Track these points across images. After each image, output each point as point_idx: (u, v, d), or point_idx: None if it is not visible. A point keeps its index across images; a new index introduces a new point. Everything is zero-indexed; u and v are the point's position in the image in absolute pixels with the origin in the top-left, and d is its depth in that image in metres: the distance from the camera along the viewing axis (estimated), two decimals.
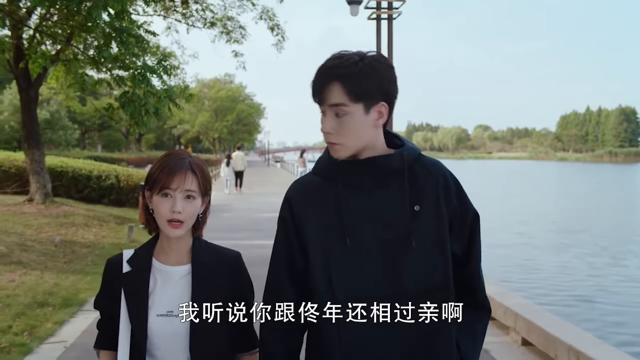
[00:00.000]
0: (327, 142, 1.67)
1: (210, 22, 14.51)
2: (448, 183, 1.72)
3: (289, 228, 1.74)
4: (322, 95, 1.62)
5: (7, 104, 40.46)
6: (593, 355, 4.30)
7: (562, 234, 18.72)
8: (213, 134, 63.58)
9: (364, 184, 1.67)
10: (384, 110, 1.64)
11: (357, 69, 1.58)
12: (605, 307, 9.90)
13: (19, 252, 8.57)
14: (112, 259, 1.92)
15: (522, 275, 12.16)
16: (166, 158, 1.84)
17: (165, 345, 1.81)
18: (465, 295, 1.77)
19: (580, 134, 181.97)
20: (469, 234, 1.76)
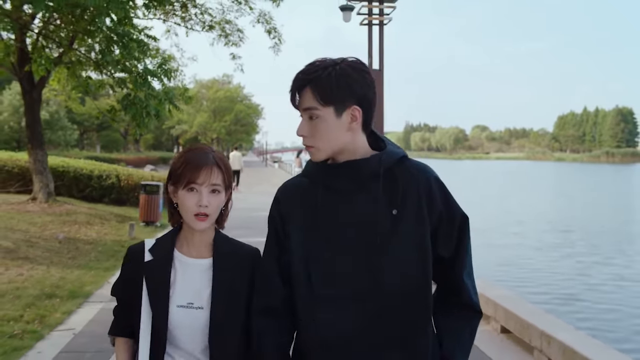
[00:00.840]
0: (303, 144, 1.73)
1: (209, 25, 14.82)
2: (431, 187, 1.73)
3: (277, 226, 1.81)
4: (297, 100, 1.70)
5: (7, 105, 40.69)
6: (562, 339, 4.66)
7: (555, 234, 18.97)
8: (211, 135, 63.87)
9: (344, 187, 1.71)
10: (358, 113, 1.67)
11: (326, 73, 1.64)
12: (594, 306, 10.20)
13: (26, 248, 8.93)
14: (134, 247, 1.95)
15: (515, 274, 12.44)
16: (190, 153, 1.88)
17: (183, 337, 1.84)
18: (452, 296, 1.81)
19: (578, 134, 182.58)
20: (457, 236, 1.78)
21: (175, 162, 1.88)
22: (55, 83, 14.18)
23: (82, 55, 11.68)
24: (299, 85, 1.68)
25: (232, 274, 1.88)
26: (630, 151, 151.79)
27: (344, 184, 1.71)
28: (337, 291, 1.67)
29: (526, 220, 22.21)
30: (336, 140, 1.68)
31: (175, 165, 1.87)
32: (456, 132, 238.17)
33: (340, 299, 1.67)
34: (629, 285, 11.84)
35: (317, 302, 1.69)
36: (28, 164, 14.40)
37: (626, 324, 9.17)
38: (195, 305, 1.83)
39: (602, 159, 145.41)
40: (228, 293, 1.85)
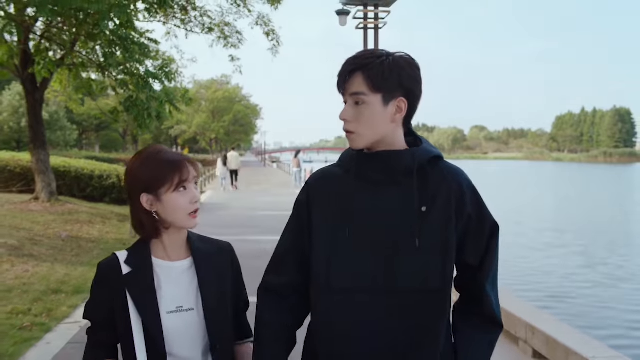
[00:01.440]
0: (344, 130, 1.71)
1: (208, 27, 15.04)
2: (463, 191, 1.71)
3: (302, 210, 1.79)
4: (345, 84, 1.67)
5: (7, 105, 40.87)
6: (545, 330, 4.92)
7: (550, 233, 19.22)
8: (210, 135, 64.12)
9: (375, 178, 1.69)
10: (403, 105, 1.67)
11: (379, 61, 1.63)
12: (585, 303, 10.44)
13: (30, 246, 9.16)
14: (106, 262, 1.84)
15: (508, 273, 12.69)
16: (156, 156, 1.80)
17: (181, 340, 1.80)
18: (474, 306, 1.79)
19: (576, 134, 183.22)
20: (485, 244, 1.75)
21: (146, 170, 1.77)
22: (57, 84, 14.42)
23: (85, 58, 11.91)
24: (350, 70, 1.66)
25: (214, 270, 1.87)
26: (627, 151, 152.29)
27: (375, 175, 1.69)
28: (354, 284, 1.66)
29: (522, 219, 22.45)
30: (379, 128, 1.66)
31: (148, 172, 1.76)
32: (454, 132, 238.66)
33: (355, 292, 1.65)
34: (616, 283, 12.08)
35: (331, 293, 1.68)
36: (30, 164, 14.67)
37: (618, 321, 9.41)
38: (185, 308, 1.80)
39: (600, 159, 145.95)
40: (215, 289, 1.84)
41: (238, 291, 1.97)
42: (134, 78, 9.46)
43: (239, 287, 1.98)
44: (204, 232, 2.03)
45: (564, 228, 20.66)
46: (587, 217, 24.39)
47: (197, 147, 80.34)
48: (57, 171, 15.24)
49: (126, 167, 1.87)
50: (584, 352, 4.34)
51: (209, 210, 17.77)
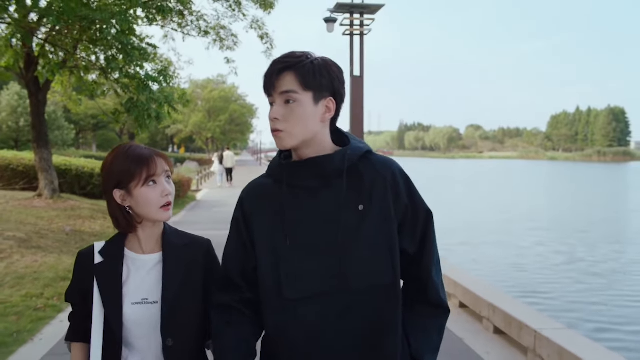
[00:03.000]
0: (272, 129, 1.69)
1: (204, 30, 15.58)
2: (397, 181, 1.72)
3: (240, 227, 1.78)
4: (275, 84, 1.66)
5: (5, 105, 41.27)
6: (504, 308, 5.54)
7: (538, 231, 19.65)
8: (206, 134, 64.59)
9: (308, 185, 1.69)
10: (332, 105, 1.69)
11: (309, 61, 1.65)
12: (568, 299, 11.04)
13: (37, 239, 9.75)
14: (83, 251, 1.93)
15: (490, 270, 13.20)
16: (128, 151, 1.85)
17: (141, 332, 1.83)
18: (418, 293, 1.80)
19: (570, 133, 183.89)
20: (421, 232, 1.76)
21: (116, 166, 1.83)
22: (58, 85, 14.97)
23: (86, 61, 12.48)
24: (280, 69, 1.66)
25: (184, 265, 1.88)
26: (621, 150, 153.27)
27: (308, 182, 1.69)
28: (305, 291, 1.65)
29: (510, 218, 22.94)
30: (309, 127, 1.66)
31: (119, 168, 1.82)
32: (450, 131, 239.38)
33: (308, 299, 1.65)
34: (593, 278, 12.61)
35: (284, 303, 1.67)
36: (32, 163, 15.24)
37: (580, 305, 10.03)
38: (150, 300, 1.83)
39: (594, 158, 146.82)
40: (179, 284, 1.85)
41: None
42: (134, 81, 10.04)
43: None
44: (200, 227, 2.17)
45: (552, 226, 21.22)
46: (574, 215, 24.95)
47: (193, 147, 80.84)
48: (58, 169, 15.77)
49: (102, 165, 1.92)
50: (533, 325, 4.96)
51: (205, 208, 18.37)
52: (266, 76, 1.69)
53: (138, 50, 9.87)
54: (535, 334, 4.85)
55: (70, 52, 12.47)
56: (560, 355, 4.46)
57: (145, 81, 9.87)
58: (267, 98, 1.70)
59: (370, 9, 13.49)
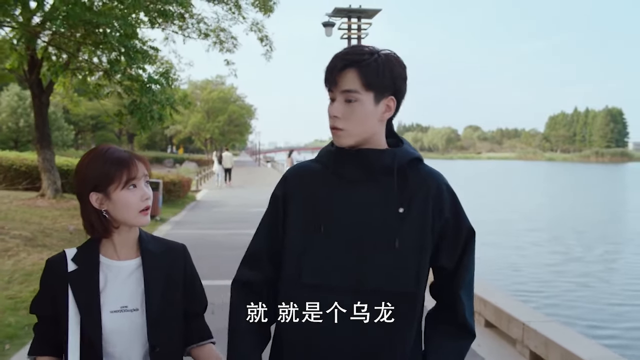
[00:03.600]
0: (331, 127, 1.67)
1: (205, 33, 15.84)
2: (442, 195, 1.69)
3: (278, 205, 1.76)
4: (336, 80, 1.62)
5: (5, 106, 41.53)
6: (494, 302, 5.79)
7: (534, 232, 19.88)
8: (205, 135, 64.79)
9: (353, 176, 1.67)
10: (392, 104, 1.66)
11: (372, 58, 1.60)
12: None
13: (42, 237, 10.00)
14: (53, 259, 1.85)
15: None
16: (104, 154, 1.78)
17: (121, 341, 1.78)
18: (445, 312, 1.75)
19: (568, 134, 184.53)
20: (461, 249, 1.72)
21: (94, 168, 1.76)
22: (60, 87, 15.22)
23: (89, 63, 12.71)
24: (342, 66, 1.62)
25: (164, 271, 1.85)
26: (619, 151, 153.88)
27: (354, 173, 1.67)
28: (324, 282, 1.64)
29: (507, 218, 23.21)
30: (368, 127, 1.65)
31: (96, 170, 1.75)
32: (448, 132, 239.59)
33: (326, 291, 1.63)
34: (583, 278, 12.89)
35: (302, 290, 1.66)
36: (34, 163, 15.48)
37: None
38: (130, 308, 1.78)
39: (592, 158, 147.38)
40: (162, 290, 1.82)
41: (192, 294, 1.94)
42: (137, 83, 10.29)
43: (193, 290, 1.95)
44: (200, 227, 2.06)
45: (547, 226, 21.47)
46: (571, 216, 25.21)
47: (192, 147, 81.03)
48: (60, 170, 15.99)
49: (75, 167, 1.84)
50: (521, 318, 5.21)
51: (205, 208, 18.61)
52: (328, 71, 1.65)
53: (140, 53, 10.12)
54: (523, 326, 5.09)
55: (74, 54, 12.72)
56: (546, 346, 4.71)
57: (147, 83, 10.12)
58: (328, 92, 1.66)
59: (368, 14, 13.84)
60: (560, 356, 4.49)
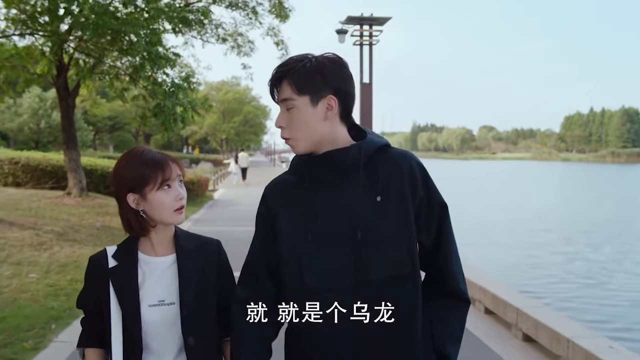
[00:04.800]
0: (282, 137, 1.74)
1: (223, 38, 16.47)
2: (414, 173, 1.72)
3: (265, 221, 1.82)
4: (274, 94, 1.72)
5: (27, 107, 42.44)
6: (492, 290, 6.30)
7: (539, 232, 20.20)
8: (220, 135, 65.59)
9: (327, 179, 1.71)
10: (334, 103, 1.68)
11: (301, 65, 1.67)
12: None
13: (72, 233, 10.64)
14: (95, 256, 1.94)
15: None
16: (141, 156, 1.86)
17: (160, 334, 1.85)
18: (438, 286, 1.80)
19: (584, 134, 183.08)
20: (437, 224, 1.77)
21: (131, 170, 1.84)
22: (84, 90, 15.90)
23: (114, 67, 13.36)
24: (275, 78, 1.71)
25: (198, 266, 1.92)
26: (635, 151, 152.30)
27: (327, 176, 1.71)
28: (328, 283, 1.68)
29: (519, 219, 23.36)
30: (313, 129, 1.69)
31: (133, 172, 1.84)
32: (463, 132, 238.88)
33: (330, 291, 1.68)
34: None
35: (307, 295, 1.70)
36: (60, 163, 16.19)
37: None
38: (167, 302, 1.86)
39: (608, 159, 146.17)
40: (196, 285, 1.89)
41: (225, 286, 1.99)
42: (161, 88, 10.92)
43: (225, 283, 2.00)
44: (218, 224, 2.13)
45: (554, 227, 21.76)
46: (583, 216, 25.41)
47: (207, 147, 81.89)
48: (85, 169, 16.68)
49: (113, 169, 1.92)
50: (515, 304, 5.73)
51: (222, 206, 19.25)
52: (269, 85, 1.75)
53: (164, 58, 10.73)
54: (517, 311, 5.61)
55: (99, 59, 13.36)
56: (536, 327, 5.23)
57: (171, 88, 10.75)
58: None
59: (379, 21, 14.50)
60: (548, 336, 5.01)
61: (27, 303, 6.25)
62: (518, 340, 5.52)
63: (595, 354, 4.33)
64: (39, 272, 7.65)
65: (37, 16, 11.26)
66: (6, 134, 44.75)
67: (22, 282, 7.12)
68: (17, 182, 17.36)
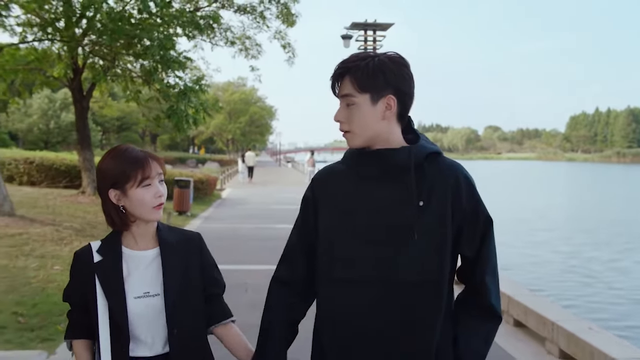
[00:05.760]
0: (340, 130, 1.80)
1: (231, 41, 16.99)
2: (459, 185, 1.76)
3: (309, 206, 1.89)
4: (336, 89, 1.78)
5: (36, 108, 43.13)
6: (503, 289, 6.74)
7: (538, 231, 20.55)
8: (227, 135, 66.18)
9: (375, 175, 1.76)
10: (393, 102, 1.73)
11: (364, 63, 1.72)
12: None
13: (89, 229, 11.16)
14: (80, 251, 1.99)
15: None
16: (122, 153, 1.91)
17: (146, 324, 1.91)
18: (472, 297, 1.84)
19: (589, 134, 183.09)
20: (480, 237, 1.79)
21: (112, 167, 1.89)
22: (97, 92, 16.43)
23: (127, 70, 13.88)
24: (338, 74, 1.76)
25: (181, 258, 1.97)
26: None
27: (374, 172, 1.77)
28: (355, 275, 1.74)
29: (522, 218, 23.64)
30: (370, 127, 1.74)
31: (115, 169, 1.89)
32: (468, 132, 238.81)
33: (357, 283, 1.74)
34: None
35: (334, 284, 1.77)
36: (73, 163, 16.76)
37: None
38: (152, 293, 1.91)
39: (613, 159, 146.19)
40: (180, 277, 1.94)
41: (209, 277, 2.05)
42: (174, 90, 11.44)
43: (209, 274, 2.06)
44: (227, 222, 2.15)
45: (556, 226, 22.06)
46: (585, 216, 25.69)
47: (213, 148, 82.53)
48: None
49: (97, 165, 1.98)
50: (507, 292, 6.18)
51: (230, 205, 19.75)
52: (331, 80, 1.80)
53: (176, 62, 11.24)
54: (508, 299, 6.07)
55: (110, 62, 13.87)
56: (525, 314, 5.69)
57: (184, 91, 11.27)
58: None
59: (382, 27, 15.16)
60: (535, 320, 5.47)
61: (55, 292, 6.72)
62: (509, 325, 5.98)
63: (576, 334, 4.78)
64: (62, 265, 8.14)
65: (54, 22, 11.77)
66: (16, 134, 45.44)
67: (48, 273, 7.62)
68: (31, 181, 17.96)
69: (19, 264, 7.97)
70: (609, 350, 4.37)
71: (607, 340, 4.67)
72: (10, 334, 5.30)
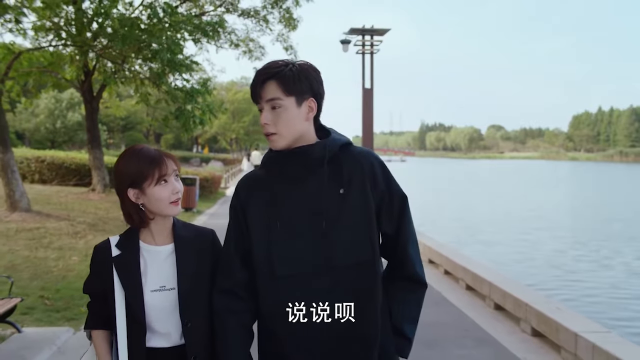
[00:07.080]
0: (265, 133, 1.87)
1: (235, 43, 17.59)
2: (374, 169, 1.89)
3: (238, 214, 1.94)
4: (260, 93, 1.83)
5: (43, 108, 43.55)
6: (475, 270, 7.33)
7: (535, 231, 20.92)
8: (230, 135, 66.56)
9: (295, 173, 1.87)
10: (313, 105, 1.86)
11: (287, 69, 1.82)
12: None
13: (102, 224, 11.76)
14: (100, 246, 2.06)
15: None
16: (137, 153, 1.98)
17: (162, 317, 1.96)
18: (398, 269, 1.98)
19: (592, 134, 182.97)
20: (397, 214, 1.93)
21: (130, 167, 1.95)
22: (106, 94, 17.04)
23: (135, 73, 14.43)
24: (263, 79, 1.82)
25: (194, 254, 2.03)
26: None
27: (295, 170, 1.87)
28: (296, 271, 1.82)
29: (520, 216, 24.20)
30: (296, 127, 1.84)
31: (132, 169, 1.95)
32: (471, 131, 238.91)
33: (298, 277, 1.82)
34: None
35: (277, 283, 1.84)
36: (83, 161, 17.37)
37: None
38: (168, 287, 1.97)
39: (616, 158, 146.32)
40: (193, 271, 2.00)
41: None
42: (182, 92, 12.02)
43: None
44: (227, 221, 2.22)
45: (552, 225, 22.48)
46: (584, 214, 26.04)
47: (216, 147, 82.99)
48: (106, 167, 17.84)
49: (114, 166, 2.03)
50: (488, 278, 6.75)
51: None
52: (252, 86, 1.86)
53: (184, 66, 11.83)
54: (490, 285, 6.64)
55: (119, 65, 14.42)
56: (504, 297, 6.27)
57: (190, 93, 11.85)
58: (256, 105, 1.88)
59: (379, 32, 15.82)
60: (512, 302, 6.05)
61: (75, 279, 7.33)
62: (490, 309, 6.56)
63: (545, 313, 5.35)
64: (79, 256, 8.75)
65: (66, 28, 12.34)
66: (23, 134, 45.97)
67: (67, 263, 8.23)
68: (42, 179, 18.59)
69: (40, 254, 8.59)
70: (571, 326, 4.94)
71: (571, 317, 5.25)
72: (39, 314, 5.91)
